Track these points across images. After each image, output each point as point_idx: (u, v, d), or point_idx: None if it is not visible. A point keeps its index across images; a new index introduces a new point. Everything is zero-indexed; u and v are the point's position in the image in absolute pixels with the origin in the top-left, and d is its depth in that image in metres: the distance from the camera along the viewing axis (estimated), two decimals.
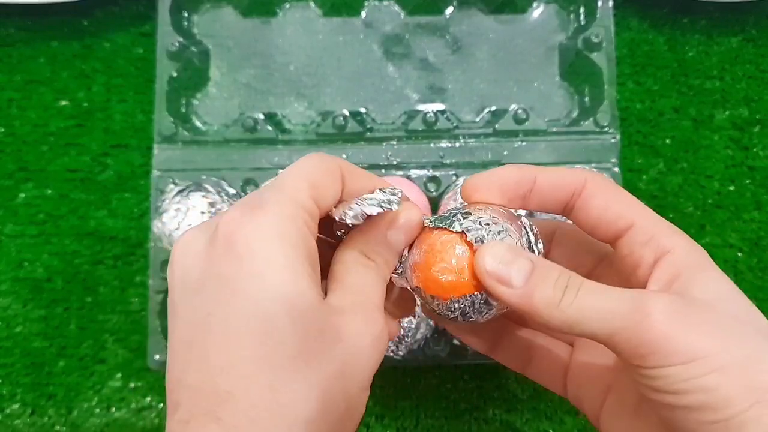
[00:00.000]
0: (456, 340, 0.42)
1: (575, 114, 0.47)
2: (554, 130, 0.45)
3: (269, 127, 0.45)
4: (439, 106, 0.47)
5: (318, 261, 0.23)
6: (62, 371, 0.45)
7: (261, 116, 0.46)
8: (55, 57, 0.49)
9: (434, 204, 0.44)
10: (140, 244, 0.47)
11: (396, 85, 0.48)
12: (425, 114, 0.45)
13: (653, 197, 0.47)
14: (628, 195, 0.26)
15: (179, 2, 0.47)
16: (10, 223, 0.47)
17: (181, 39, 0.46)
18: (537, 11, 0.48)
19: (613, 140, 0.45)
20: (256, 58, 0.48)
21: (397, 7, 0.48)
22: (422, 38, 0.48)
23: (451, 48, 0.48)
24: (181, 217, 0.40)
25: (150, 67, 0.48)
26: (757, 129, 0.48)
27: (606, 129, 0.45)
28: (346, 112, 0.46)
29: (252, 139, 0.45)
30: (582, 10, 0.47)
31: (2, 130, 0.49)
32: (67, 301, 0.46)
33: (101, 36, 0.50)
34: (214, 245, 0.22)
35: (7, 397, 0.45)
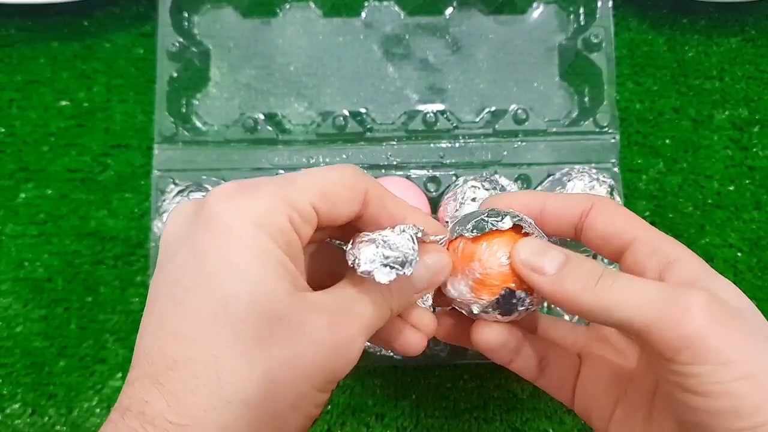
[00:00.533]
0: None
1: (575, 114, 0.47)
2: (554, 130, 0.45)
3: (269, 128, 0.45)
4: (439, 106, 0.47)
5: (301, 256, 0.23)
6: (63, 371, 0.45)
7: (261, 116, 0.46)
8: (56, 57, 0.49)
9: (434, 204, 0.44)
10: (141, 244, 0.47)
11: (396, 85, 0.48)
12: (425, 114, 0.45)
13: (653, 197, 0.47)
14: (632, 213, 0.27)
15: (179, 3, 0.47)
16: (11, 223, 0.47)
17: (181, 39, 0.46)
18: (537, 12, 0.48)
19: (612, 140, 0.45)
20: (257, 58, 0.48)
21: (397, 8, 0.48)
22: (422, 39, 0.48)
23: (451, 48, 0.48)
24: None
25: (150, 67, 0.48)
26: (756, 129, 0.48)
27: (606, 129, 0.45)
28: (346, 113, 0.46)
29: (252, 139, 0.45)
30: (582, 10, 0.47)
31: (3, 130, 0.49)
32: (68, 301, 0.46)
33: (102, 36, 0.50)
34: (198, 214, 0.23)
35: (8, 396, 0.45)
